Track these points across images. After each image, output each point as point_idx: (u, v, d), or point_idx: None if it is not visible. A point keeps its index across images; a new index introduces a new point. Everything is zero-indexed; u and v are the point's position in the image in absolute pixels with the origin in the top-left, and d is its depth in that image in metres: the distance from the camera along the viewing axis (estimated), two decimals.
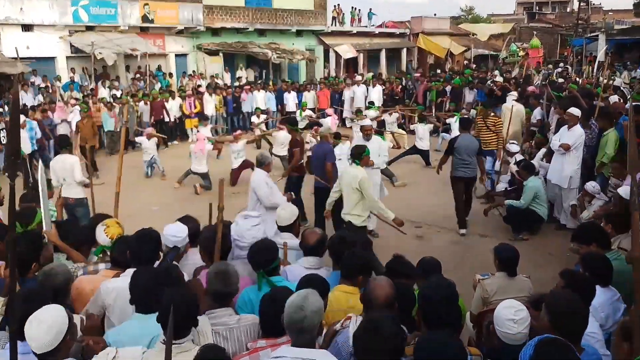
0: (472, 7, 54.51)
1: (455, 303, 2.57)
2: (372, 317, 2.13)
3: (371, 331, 2.07)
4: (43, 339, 2.17)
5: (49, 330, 2.18)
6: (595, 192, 6.33)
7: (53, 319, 2.22)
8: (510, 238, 6.92)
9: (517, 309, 2.59)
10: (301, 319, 2.21)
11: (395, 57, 30.41)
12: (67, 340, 2.25)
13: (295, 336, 2.26)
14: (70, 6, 16.85)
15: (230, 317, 2.69)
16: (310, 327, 2.24)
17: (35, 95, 14.33)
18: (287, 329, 2.29)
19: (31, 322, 2.20)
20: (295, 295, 2.32)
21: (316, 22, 25.26)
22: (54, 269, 2.93)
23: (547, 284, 4.44)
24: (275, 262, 3.16)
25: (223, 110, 15.82)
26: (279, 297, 2.48)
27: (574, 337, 2.44)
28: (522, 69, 20.86)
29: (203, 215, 4.04)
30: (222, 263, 2.86)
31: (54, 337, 2.19)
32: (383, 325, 2.08)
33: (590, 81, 14.61)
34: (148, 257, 3.13)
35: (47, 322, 2.20)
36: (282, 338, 2.44)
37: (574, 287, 2.85)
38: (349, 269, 3.13)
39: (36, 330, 2.18)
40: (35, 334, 2.18)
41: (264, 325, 2.55)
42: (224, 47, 21.14)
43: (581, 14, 33.17)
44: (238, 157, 10.03)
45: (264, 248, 3.18)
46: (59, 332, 2.20)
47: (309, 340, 2.25)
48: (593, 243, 3.80)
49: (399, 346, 2.11)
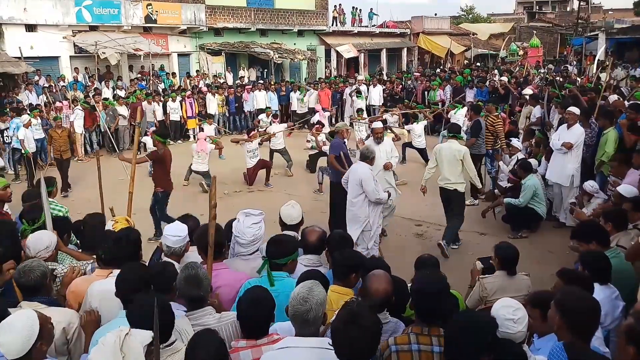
0: (472, 7, 54.49)
1: (447, 296, 2.61)
2: (350, 308, 2.13)
3: (349, 322, 2.06)
4: (12, 345, 2.17)
5: (18, 336, 2.18)
6: (593, 192, 6.35)
7: (22, 325, 2.21)
8: (510, 236, 6.97)
9: (515, 308, 2.57)
10: (306, 310, 2.25)
11: (395, 57, 30.47)
12: (39, 345, 2.24)
13: (300, 327, 2.30)
14: (74, 6, 16.92)
15: (211, 317, 2.68)
16: (315, 318, 2.27)
17: (38, 95, 14.38)
18: (292, 320, 2.32)
19: (2, 328, 2.21)
20: (299, 287, 2.35)
21: (317, 22, 25.30)
22: (27, 265, 2.91)
23: (546, 281, 4.50)
24: (285, 258, 3.14)
25: (225, 110, 15.90)
26: (256, 298, 2.48)
27: (585, 337, 2.41)
28: (523, 68, 20.88)
29: (206, 214, 4.07)
30: (191, 266, 2.74)
31: (23, 343, 2.18)
32: (361, 315, 2.08)
33: (590, 80, 14.63)
34: (127, 258, 3.12)
35: (17, 329, 2.19)
36: (262, 339, 2.44)
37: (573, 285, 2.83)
38: (339, 268, 3.12)
39: (5, 336, 2.18)
40: (4, 340, 2.18)
41: (243, 326, 2.51)
42: (226, 47, 21.20)
43: (581, 13, 33.13)
44: (254, 157, 10.07)
45: (279, 241, 3.22)
46: (29, 338, 2.20)
47: (313, 332, 2.29)
48: (593, 241, 3.80)
49: (376, 336, 2.12)
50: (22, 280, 2.86)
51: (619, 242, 4.22)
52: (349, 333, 2.05)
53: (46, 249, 3.37)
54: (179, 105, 14.63)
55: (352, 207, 5.99)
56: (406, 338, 2.47)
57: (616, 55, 23.78)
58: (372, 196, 5.78)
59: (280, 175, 11.06)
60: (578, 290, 2.61)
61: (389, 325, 2.79)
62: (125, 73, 18.14)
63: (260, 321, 2.47)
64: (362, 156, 6.07)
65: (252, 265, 3.37)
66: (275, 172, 11.23)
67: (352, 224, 5.98)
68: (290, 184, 10.33)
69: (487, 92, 14.86)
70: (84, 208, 6.76)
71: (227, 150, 12.74)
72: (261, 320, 2.48)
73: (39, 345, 2.24)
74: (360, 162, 6.03)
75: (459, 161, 6.50)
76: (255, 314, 2.46)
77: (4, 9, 15.50)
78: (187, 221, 3.88)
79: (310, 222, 4.03)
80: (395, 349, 2.43)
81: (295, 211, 3.93)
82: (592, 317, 2.45)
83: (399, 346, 2.44)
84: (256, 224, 3.49)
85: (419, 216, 8.12)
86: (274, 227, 4.05)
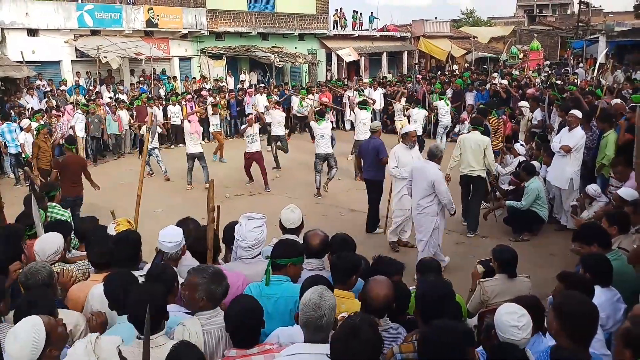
0: (472, 10, 54.64)
1: (452, 301, 2.60)
2: (351, 321, 2.07)
3: (350, 335, 2.02)
4: (20, 353, 2.16)
5: (25, 346, 2.16)
6: (596, 196, 6.35)
7: (27, 335, 2.18)
8: (511, 239, 6.97)
9: (520, 315, 2.53)
10: (320, 316, 2.21)
11: (396, 60, 30.52)
12: (49, 351, 2.22)
13: (312, 333, 2.25)
14: (75, 11, 16.96)
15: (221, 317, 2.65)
16: (328, 324, 2.24)
17: (40, 99, 14.43)
18: (304, 327, 2.28)
19: (8, 338, 2.20)
20: (310, 293, 2.30)
21: (318, 26, 25.36)
22: (33, 267, 2.95)
23: (548, 284, 4.49)
24: (285, 260, 3.11)
25: (227, 114, 15.92)
26: (244, 308, 2.45)
27: (583, 342, 2.39)
28: (523, 71, 20.90)
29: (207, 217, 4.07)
30: None
31: (32, 351, 2.17)
32: (361, 329, 2.02)
33: (591, 83, 14.64)
34: (127, 259, 3.14)
35: (23, 338, 2.18)
36: (252, 349, 2.41)
37: (573, 289, 2.82)
38: (339, 272, 3.10)
39: (12, 346, 2.17)
40: (12, 350, 2.17)
41: (233, 337, 2.47)
42: (227, 50, 21.24)
43: (581, 16, 33.20)
44: (252, 142, 9.92)
45: (284, 242, 3.22)
46: (36, 347, 2.18)
47: (324, 338, 2.24)
48: (594, 243, 3.80)
49: (376, 351, 2.06)
50: (30, 282, 2.88)
51: (621, 245, 4.21)
52: (349, 346, 2.00)
53: (55, 253, 3.45)
54: (179, 109, 14.64)
55: (422, 211, 5.77)
56: (411, 346, 2.46)
57: (616, 58, 23.79)
58: (445, 197, 5.60)
59: (280, 179, 11.08)
60: (576, 295, 2.59)
61: (389, 331, 2.77)
62: (127, 77, 18.19)
63: (250, 331, 2.44)
64: (430, 154, 5.88)
65: (255, 269, 3.36)
66: (276, 175, 11.26)
67: (421, 230, 5.83)
68: (290, 188, 10.34)
69: (487, 95, 14.88)
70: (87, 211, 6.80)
71: (228, 153, 12.79)
72: (251, 330, 2.45)
73: (49, 351, 2.22)
74: (429, 162, 5.83)
75: (482, 150, 7.04)
76: (244, 324, 2.42)
77: (6, 14, 15.56)
78: (188, 224, 3.88)
79: (311, 226, 4.03)
80: (400, 357, 2.43)
81: (295, 215, 3.90)
82: (590, 322, 2.42)
83: (404, 354, 2.43)
84: (258, 228, 3.48)
85: None
86: (276, 231, 4.05)
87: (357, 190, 9.55)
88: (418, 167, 5.94)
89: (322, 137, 9.49)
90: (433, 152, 5.86)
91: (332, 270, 3.23)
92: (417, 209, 5.83)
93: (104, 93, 15.66)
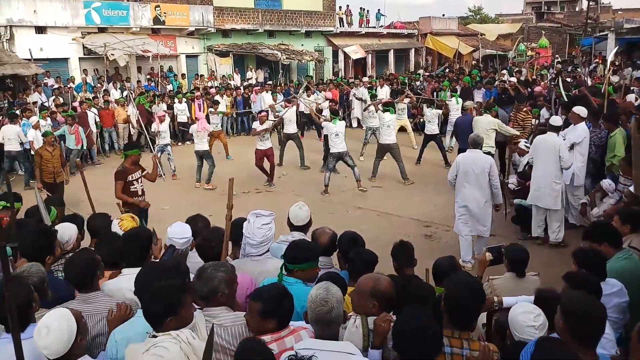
0: (480, 7, 54.24)
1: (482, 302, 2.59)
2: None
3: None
4: (56, 347, 2.19)
5: (60, 337, 2.19)
6: (610, 190, 6.30)
7: (60, 326, 2.21)
8: (519, 237, 6.93)
9: (536, 314, 2.53)
10: (328, 310, 2.24)
11: (403, 58, 30.40)
12: (79, 340, 2.27)
13: (322, 329, 2.27)
14: (83, 8, 17.04)
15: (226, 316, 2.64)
16: (337, 318, 2.26)
17: (48, 96, 14.49)
18: (314, 323, 2.29)
19: (40, 331, 2.20)
20: (315, 290, 2.32)
21: (325, 23, 25.31)
22: (26, 270, 2.89)
23: (556, 282, 4.45)
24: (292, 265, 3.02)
25: (234, 111, 15.94)
26: (282, 294, 2.47)
27: (590, 342, 2.38)
28: (533, 69, 20.73)
29: (214, 215, 4.09)
30: None
31: (65, 344, 2.20)
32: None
33: (601, 80, 14.51)
34: (136, 257, 3.14)
35: (56, 330, 2.20)
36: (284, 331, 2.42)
37: (578, 288, 2.79)
38: (356, 267, 3.10)
39: (46, 339, 2.18)
40: (47, 343, 2.18)
41: (269, 320, 2.46)
42: (234, 48, 21.27)
43: (590, 13, 32.84)
44: (263, 139, 9.95)
45: (295, 245, 3.15)
46: (70, 337, 2.22)
47: (334, 332, 2.26)
48: (604, 242, 3.75)
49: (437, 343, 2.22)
50: None
51: (632, 244, 4.15)
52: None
53: (67, 243, 3.70)
54: (185, 106, 14.63)
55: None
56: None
57: (626, 55, 23.56)
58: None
59: (287, 177, 11.08)
60: (580, 294, 2.56)
61: None
62: (134, 74, 18.26)
63: (286, 315, 2.47)
64: (474, 143, 6.16)
65: (263, 266, 3.36)
66: (283, 172, 11.25)
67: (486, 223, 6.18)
68: (298, 185, 10.34)
69: (495, 93, 14.78)
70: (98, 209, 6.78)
71: (234, 150, 12.80)
72: (287, 314, 2.48)
73: (79, 340, 2.28)
74: (487, 157, 6.19)
75: (494, 130, 8.57)
76: (281, 308, 2.44)
77: (15, 11, 15.65)
78: (197, 222, 3.90)
79: (319, 223, 4.02)
80: None
81: (303, 212, 3.90)
82: (596, 322, 2.38)
83: None
84: (266, 225, 3.47)
85: (427, 217, 8.09)
86: (284, 228, 4.04)
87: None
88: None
89: (337, 136, 9.43)
90: (475, 141, 6.14)
91: (348, 265, 3.24)
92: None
93: (111, 90, 15.71)
